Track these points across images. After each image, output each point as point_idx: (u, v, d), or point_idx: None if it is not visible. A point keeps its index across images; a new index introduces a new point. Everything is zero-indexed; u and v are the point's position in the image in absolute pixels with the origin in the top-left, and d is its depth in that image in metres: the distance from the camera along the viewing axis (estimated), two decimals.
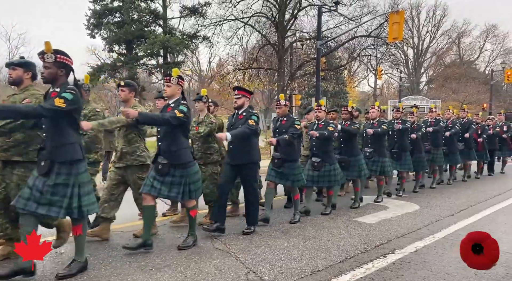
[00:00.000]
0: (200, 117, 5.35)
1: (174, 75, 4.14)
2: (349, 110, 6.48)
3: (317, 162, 5.72)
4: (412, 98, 36.17)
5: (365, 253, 4.23)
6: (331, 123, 5.80)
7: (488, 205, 6.74)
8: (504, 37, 46.76)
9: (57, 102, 3.11)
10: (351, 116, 6.48)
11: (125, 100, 4.56)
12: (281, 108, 5.47)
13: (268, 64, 24.79)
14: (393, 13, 14.30)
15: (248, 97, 4.95)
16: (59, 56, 3.28)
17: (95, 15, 24.24)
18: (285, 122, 5.36)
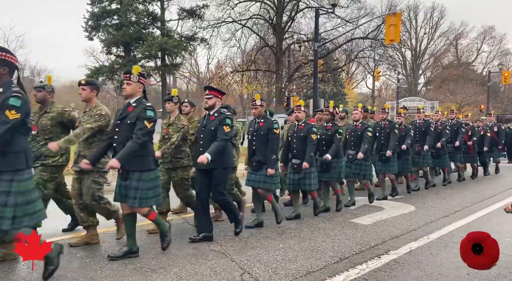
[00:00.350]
0: (171, 119, 5.11)
1: (135, 73, 3.89)
2: (331, 111, 6.27)
3: (297, 164, 5.54)
4: (410, 99, 36.34)
5: (360, 254, 4.26)
6: (312, 126, 5.60)
7: (484, 206, 6.78)
8: (501, 39, 47.08)
9: (11, 116, 2.90)
10: (332, 117, 6.29)
11: (86, 99, 4.27)
12: (257, 108, 5.20)
13: (266, 66, 24.90)
14: (390, 15, 14.39)
15: (220, 97, 4.69)
16: (1, 53, 3.03)
17: (93, 17, 24.33)
18: (262, 124, 5.10)
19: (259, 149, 5.09)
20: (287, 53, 24.05)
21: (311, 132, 5.52)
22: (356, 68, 44.67)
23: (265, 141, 5.06)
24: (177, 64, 26.79)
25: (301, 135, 5.60)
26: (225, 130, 4.45)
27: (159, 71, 25.80)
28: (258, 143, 5.10)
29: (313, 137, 5.53)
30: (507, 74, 28.51)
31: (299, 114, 5.71)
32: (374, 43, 23.17)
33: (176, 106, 5.16)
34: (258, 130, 5.12)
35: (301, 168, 5.52)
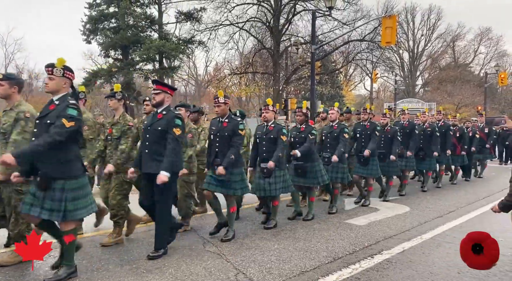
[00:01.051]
0: (115, 118, 4.59)
1: (58, 66, 3.42)
2: (304, 112, 5.89)
3: (266, 168, 5.11)
4: (408, 101, 36.46)
5: (353, 254, 4.32)
6: (282, 128, 5.26)
7: (478, 206, 6.85)
8: (497, 40, 47.27)
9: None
10: (306, 118, 5.93)
11: (5, 96, 3.78)
12: (220, 106, 4.68)
13: (263, 68, 24.99)
14: (386, 17, 14.47)
15: (170, 93, 4.21)
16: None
17: (91, 20, 24.40)
18: (226, 125, 4.67)
19: (222, 152, 4.64)
20: (285, 55, 24.14)
21: (281, 133, 5.17)
22: (354, 70, 44.80)
23: (229, 142, 4.64)
24: (175, 67, 26.85)
25: (271, 137, 5.20)
26: (175, 132, 3.98)
27: (157, 74, 25.87)
28: (221, 145, 4.66)
29: (283, 138, 5.17)
30: (504, 76, 28.67)
31: (267, 114, 5.29)
32: (371, 45, 23.28)
33: (120, 103, 4.57)
34: (222, 131, 4.66)
35: (270, 172, 5.11)
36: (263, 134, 5.29)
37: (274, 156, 5.06)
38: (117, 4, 23.91)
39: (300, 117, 5.90)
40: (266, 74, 24.52)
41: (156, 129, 4.04)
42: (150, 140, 4.09)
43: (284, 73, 23.98)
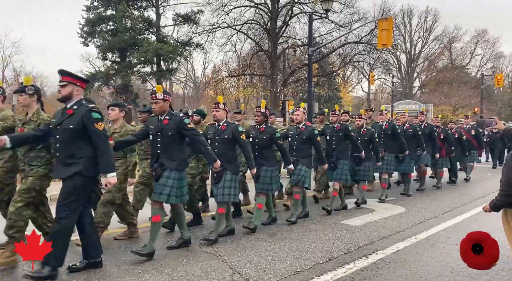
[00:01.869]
0: (28, 116, 4.06)
1: None
2: (263, 112, 5.47)
3: (216, 173, 4.79)
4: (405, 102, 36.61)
5: (348, 254, 4.37)
6: (238, 126, 4.98)
7: (472, 206, 6.91)
8: (494, 42, 47.55)
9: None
10: (265, 119, 5.52)
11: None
12: (158, 103, 4.28)
13: (261, 70, 25.06)
14: (382, 20, 14.58)
15: (80, 85, 3.70)
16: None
17: (88, 23, 24.43)
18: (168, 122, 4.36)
19: None
20: (282, 57, 24.23)
21: (238, 132, 4.87)
22: (351, 72, 44.94)
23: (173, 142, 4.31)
24: (172, 69, 26.90)
25: (225, 137, 4.86)
26: (98, 129, 3.56)
27: (155, 77, 25.91)
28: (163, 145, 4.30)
29: (243, 137, 4.90)
30: (500, 77, 28.91)
31: (217, 113, 4.90)
32: (368, 47, 23.40)
33: (32, 99, 4.01)
34: (163, 130, 4.29)
35: (220, 176, 4.78)
36: (215, 135, 4.89)
37: None
38: (114, 7, 23.96)
39: (258, 117, 5.50)
40: (264, 76, 24.61)
41: (68, 128, 3.52)
42: (60, 141, 3.57)
43: (281, 75, 24.07)
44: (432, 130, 8.55)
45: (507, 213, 3.06)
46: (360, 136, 6.86)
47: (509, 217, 3.05)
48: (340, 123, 6.49)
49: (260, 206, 5.35)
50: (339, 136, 6.37)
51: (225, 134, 4.82)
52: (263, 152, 5.38)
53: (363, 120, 7.09)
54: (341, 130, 6.36)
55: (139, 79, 26.94)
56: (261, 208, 5.36)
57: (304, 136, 5.76)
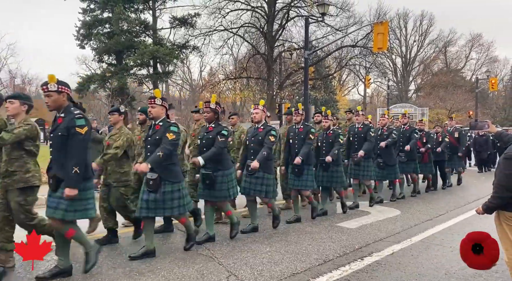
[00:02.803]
0: None
1: None
2: (212, 107, 4.78)
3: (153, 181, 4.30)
4: (401, 105, 36.83)
5: (344, 256, 4.39)
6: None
7: (467, 209, 6.96)
8: (488, 46, 47.98)
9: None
10: (216, 117, 4.83)
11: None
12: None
13: (258, 73, 25.12)
14: (377, 24, 14.67)
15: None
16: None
17: (84, 26, 24.38)
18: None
19: None
20: (278, 60, 24.29)
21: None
22: (348, 75, 45.12)
23: None
24: (169, 72, 26.90)
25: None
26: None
27: (151, 79, 25.90)
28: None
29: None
30: (494, 81, 29.10)
31: (152, 110, 4.30)
32: (364, 50, 23.53)
33: None
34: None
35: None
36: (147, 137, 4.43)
37: None
38: (111, 9, 23.94)
39: (208, 113, 4.79)
40: (260, 79, 24.67)
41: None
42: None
43: (278, 78, 24.13)
44: (412, 133, 7.98)
45: (500, 215, 3.09)
46: (325, 139, 6.40)
47: (502, 219, 3.09)
48: (304, 124, 5.91)
49: (229, 213, 4.99)
50: (301, 138, 5.78)
51: (157, 135, 4.19)
52: None
53: (329, 121, 6.49)
54: (303, 132, 5.79)
55: (136, 81, 26.91)
56: (229, 214, 4.98)
57: (261, 136, 5.22)
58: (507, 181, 2.92)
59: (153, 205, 4.08)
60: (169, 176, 4.15)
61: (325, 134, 6.47)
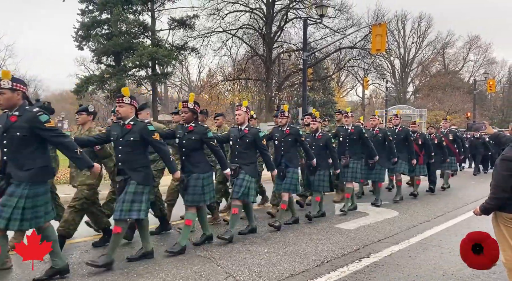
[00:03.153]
0: None
1: None
2: (190, 107, 4.57)
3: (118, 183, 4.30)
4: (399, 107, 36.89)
5: (342, 257, 4.40)
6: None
7: (465, 210, 6.98)
8: (486, 48, 48.17)
9: None
10: (195, 117, 4.62)
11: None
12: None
13: (256, 74, 25.19)
14: (375, 25, 14.71)
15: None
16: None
17: (83, 27, 24.41)
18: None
19: None
20: (277, 62, 24.38)
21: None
22: (346, 77, 45.22)
23: None
24: (167, 73, 26.94)
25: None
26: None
27: (149, 80, 25.91)
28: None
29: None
30: (492, 83, 29.21)
31: (120, 109, 4.09)
32: (363, 52, 23.61)
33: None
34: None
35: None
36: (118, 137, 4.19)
37: None
38: (109, 11, 23.97)
39: (185, 113, 4.57)
40: (259, 80, 24.73)
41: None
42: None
43: (276, 79, 24.19)
44: (407, 134, 7.81)
45: (497, 216, 3.10)
46: (314, 141, 6.11)
47: (499, 220, 3.10)
48: (290, 126, 5.72)
49: (188, 223, 4.55)
50: (288, 141, 5.61)
51: (131, 136, 4.04)
52: (192, 155, 4.56)
53: (317, 124, 6.21)
54: (290, 134, 5.60)
55: (134, 83, 26.93)
56: (190, 224, 4.58)
57: (248, 139, 5.02)
58: (505, 182, 2.93)
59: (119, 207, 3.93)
60: (139, 178, 4.00)
61: (314, 136, 6.20)
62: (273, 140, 5.88)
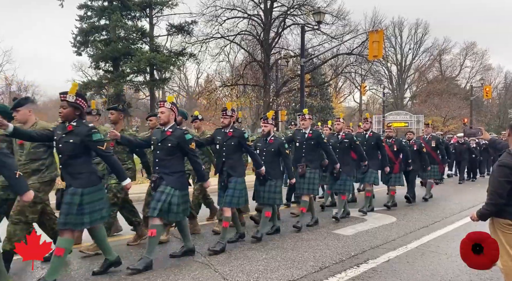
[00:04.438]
0: None
1: None
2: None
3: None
4: (396, 113, 37.07)
5: (340, 263, 4.40)
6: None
7: (462, 216, 6.99)
8: (482, 54, 48.50)
9: None
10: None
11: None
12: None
13: (254, 80, 25.26)
14: (372, 32, 14.81)
15: None
16: None
17: (81, 33, 24.46)
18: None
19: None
20: (275, 68, 24.45)
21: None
22: (343, 83, 45.42)
23: None
24: (165, 79, 27.01)
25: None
26: None
27: (147, 86, 25.95)
28: None
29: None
30: (489, 89, 29.44)
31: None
32: (360, 58, 23.73)
33: None
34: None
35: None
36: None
37: None
38: (108, 17, 24.05)
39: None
40: (257, 86, 24.79)
41: None
42: None
43: (274, 85, 24.25)
44: (378, 140, 7.14)
45: (494, 222, 3.12)
46: (265, 146, 5.40)
47: (496, 226, 3.11)
48: (234, 129, 4.98)
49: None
50: (231, 144, 4.88)
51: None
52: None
53: (270, 125, 5.48)
54: (233, 137, 4.88)
55: (132, 88, 26.97)
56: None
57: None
58: (501, 188, 2.95)
59: None
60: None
61: (265, 141, 5.43)
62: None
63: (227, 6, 22.44)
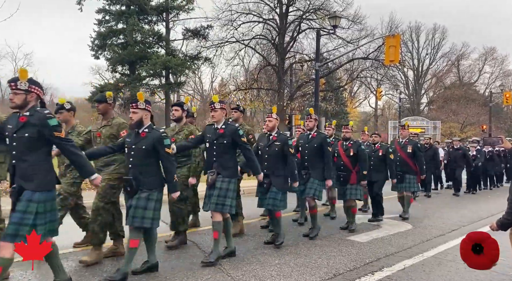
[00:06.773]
0: None
1: None
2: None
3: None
4: (412, 118, 36.60)
5: (354, 270, 4.32)
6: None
7: (481, 225, 6.78)
8: (502, 60, 47.56)
9: None
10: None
11: None
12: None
13: (268, 84, 25.26)
14: (389, 36, 14.69)
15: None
16: None
17: (99, 36, 24.86)
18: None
19: None
20: (289, 72, 24.44)
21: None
22: (359, 87, 45.11)
23: None
24: (181, 82, 27.18)
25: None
26: None
27: (163, 89, 26.19)
28: None
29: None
30: (509, 95, 28.76)
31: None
32: (376, 63, 23.53)
33: None
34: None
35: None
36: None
37: None
38: (125, 21, 24.39)
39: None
40: (271, 90, 24.78)
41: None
42: None
43: (288, 89, 24.21)
44: (323, 142, 5.60)
45: None
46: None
47: None
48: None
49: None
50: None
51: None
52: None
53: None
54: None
55: (148, 91, 27.23)
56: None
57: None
58: None
59: None
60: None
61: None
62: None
63: (243, 11, 22.56)
